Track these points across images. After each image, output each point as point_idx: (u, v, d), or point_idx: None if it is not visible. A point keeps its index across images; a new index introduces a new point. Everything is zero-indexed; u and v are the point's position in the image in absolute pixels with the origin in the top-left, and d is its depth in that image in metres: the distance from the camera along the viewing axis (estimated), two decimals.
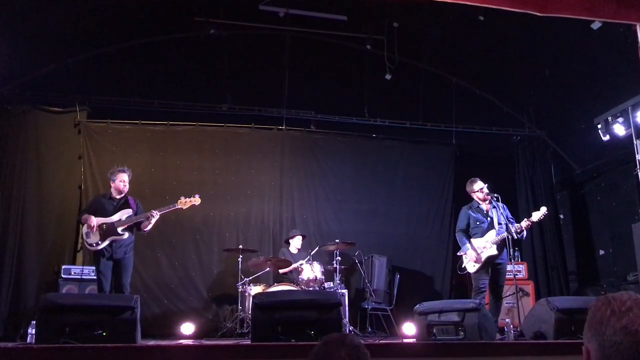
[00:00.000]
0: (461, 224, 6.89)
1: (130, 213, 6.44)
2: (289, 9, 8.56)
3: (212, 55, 9.05)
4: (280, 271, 8.22)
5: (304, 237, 8.63)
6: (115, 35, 8.76)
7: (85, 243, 6.37)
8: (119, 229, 6.31)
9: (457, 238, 6.89)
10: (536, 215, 6.60)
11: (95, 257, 6.40)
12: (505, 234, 6.47)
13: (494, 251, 6.50)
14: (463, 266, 6.65)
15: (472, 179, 6.96)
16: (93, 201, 6.84)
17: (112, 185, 6.58)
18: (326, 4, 8.62)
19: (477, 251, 6.54)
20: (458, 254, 6.83)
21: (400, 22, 8.95)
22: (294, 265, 8.05)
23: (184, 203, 6.64)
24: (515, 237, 6.51)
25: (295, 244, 8.53)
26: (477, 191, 6.81)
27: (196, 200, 6.71)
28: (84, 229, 6.38)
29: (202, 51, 9.02)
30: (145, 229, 6.47)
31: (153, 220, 6.39)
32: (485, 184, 6.85)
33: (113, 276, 6.32)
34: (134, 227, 6.50)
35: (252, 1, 8.45)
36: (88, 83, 8.77)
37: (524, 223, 6.53)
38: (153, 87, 8.94)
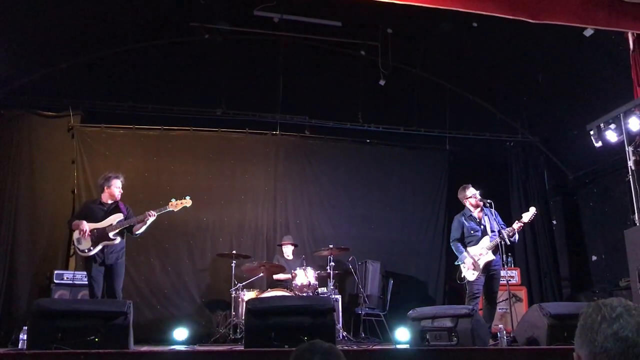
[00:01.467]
0: (456, 233, 6.86)
1: (121, 218, 6.38)
2: (284, 15, 8.58)
3: (206, 60, 9.07)
4: (274, 277, 8.21)
5: (295, 246, 8.62)
6: (110, 40, 8.75)
7: (77, 249, 6.31)
8: (111, 234, 6.26)
9: (453, 248, 6.86)
10: (526, 216, 6.61)
11: (86, 263, 6.34)
12: (498, 240, 6.49)
13: (490, 256, 6.52)
14: (462, 276, 6.64)
15: (464, 185, 6.97)
16: (83, 207, 6.78)
17: (107, 191, 6.50)
18: (321, 10, 8.65)
19: (474, 259, 6.55)
20: (456, 263, 6.81)
21: (395, 29, 9.00)
22: (287, 276, 8.04)
23: (176, 205, 6.60)
24: (509, 242, 6.53)
25: (287, 251, 8.52)
26: (470, 197, 6.81)
27: (187, 202, 6.67)
28: (75, 235, 6.31)
29: (197, 56, 9.03)
30: (137, 232, 6.42)
31: (149, 221, 6.35)
32: (477, 190, 6.86)
33: (105, 282, 6.26)
34: (126, 231, 6.46)
35: (247, 6, 8.47)
36: (82, 87, 8.75)
37: (516, 225, 6.55)
38: (147, 92, 8.93)
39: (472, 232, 6.73)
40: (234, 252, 8.10)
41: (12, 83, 8.47)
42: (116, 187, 6.51)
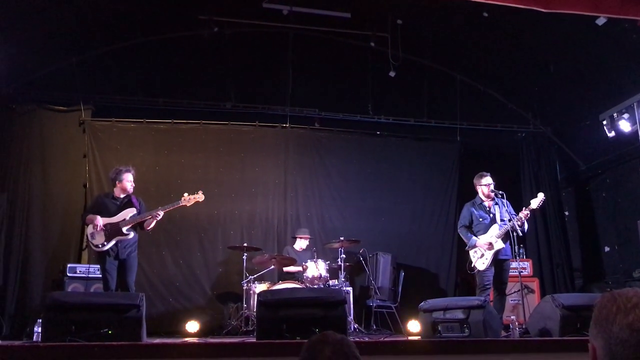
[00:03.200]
0: (464, 220, 6.86)
1: (134, 212, 6.39)
2: (293, 7, 8.55)
3: (216, 54, 9.06)
4: (285, 269, 8.23)
5: (310, 239, 8.63)
6: (120, 34, 8.77)
7: (91, 244, 6.32)
8: (124, 229, 6.27)
9: (461, 234, 6.86)
10: (535, 202, 6.55)
11: (100, 257, 6.36)
12: (508, 227, 6.44)
13: (500, 245, 6.48)
14: (472, 265, 6.61)
15: (482, 172, 6.89)
16: (95, 201, 6.77)
17: (119, 185, 6.49)
18: (330, 2, 8.61)
19: (485, 241, 6.50)
20: (466, 249, 6.78)
21: (404, 19, 8.94)
22: (298, 268, 8.06)
23: (188, 200, 6.60)
24: (519, 232, 6.48)
25: (301, 243, 8.53)
26: (484, 185, 6.76)
27: (200, 196, 6.66)
28: (89, 230, 6.32)
29: (206, 49, 9.02)
30: (148, 228, 6.43)
31: (158, 217, 6.38)
32: (493, 181, 6.81)
33: (118, 276, 6.29)
34: (138, 226, 6.49)
35: None
36: (93, 82, 8.79)
37: (522, 213, 6.49)
38: (157, 86, 8.96)
39: (480, 220, 6.70)
40: (245, 244, 8.11)
41: (23, 78, 8.53)
42: (128, 180, 6.51)
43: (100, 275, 6.61)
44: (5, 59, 7.49)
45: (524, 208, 6.56)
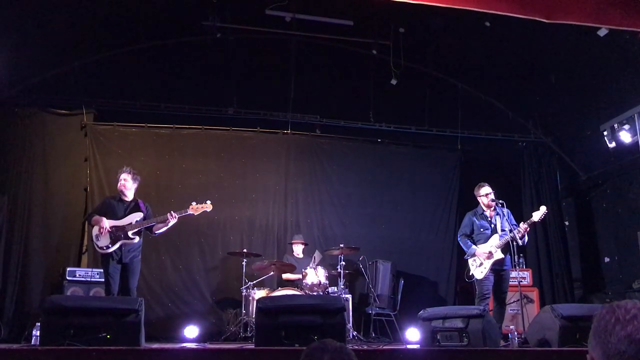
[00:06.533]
0: (465, 229, 6.88)
1: (141, 217, 6.40)
2: (296, 14, 8.58)
3: (218, 59, 9.08)
4: (284, 277, 8.22)
5: (305, 245, 8.63)
6: (122, 39, 8.79)
7: (95, 245, 6.32)
8: (130, 233, 6.27)
9: (461, 242, 6.88)
10: (537, 215, 6.59)
11: (104, 260, 6.37)
12: (508, 237, 6.45)
13: (499, 255, 6.50)
14: (470, 274, 6.63)
15: (481, 183, 6.94)
16: (103, 203, 6.77)
17: (118, 187, 6.58)
18: (332, 9, 8.63)
19: (484, 254, 6.50)
20: (465, 257, 6.79)
21: (406, 28, 8.96)
22: (297, 276, 8.06)
23: (196, 209, 6.57)
24: (520, 243, 6.49)
25: (297, 250, 8.53)
26: (483, 196, 6.80)
27: (208, 206, 6.62)
28: (94, 231, 6.32)
29: (209, 55, 9.05)
30: (157, 232, 6.44)
31: (171, 223, 6.36)
32: (492, 190, 6.83)
33: (120, 280, 6.29)
34: (144, 230, 6.48)
35: (259, 6, 8.48)
36: (95, 86, 8.80)
37: (523, 226, 6.50)
38: (159, 91, 8.98)
39: (481, 229, 6.73)
40: (245, 250, 8.12)
41: (25, 81, 8.54)
42: (121, 179, 6.54)
43: (100, 279, 6.61)
44: (7, 62, 7.51)
45: (522, 223, 6.57)
